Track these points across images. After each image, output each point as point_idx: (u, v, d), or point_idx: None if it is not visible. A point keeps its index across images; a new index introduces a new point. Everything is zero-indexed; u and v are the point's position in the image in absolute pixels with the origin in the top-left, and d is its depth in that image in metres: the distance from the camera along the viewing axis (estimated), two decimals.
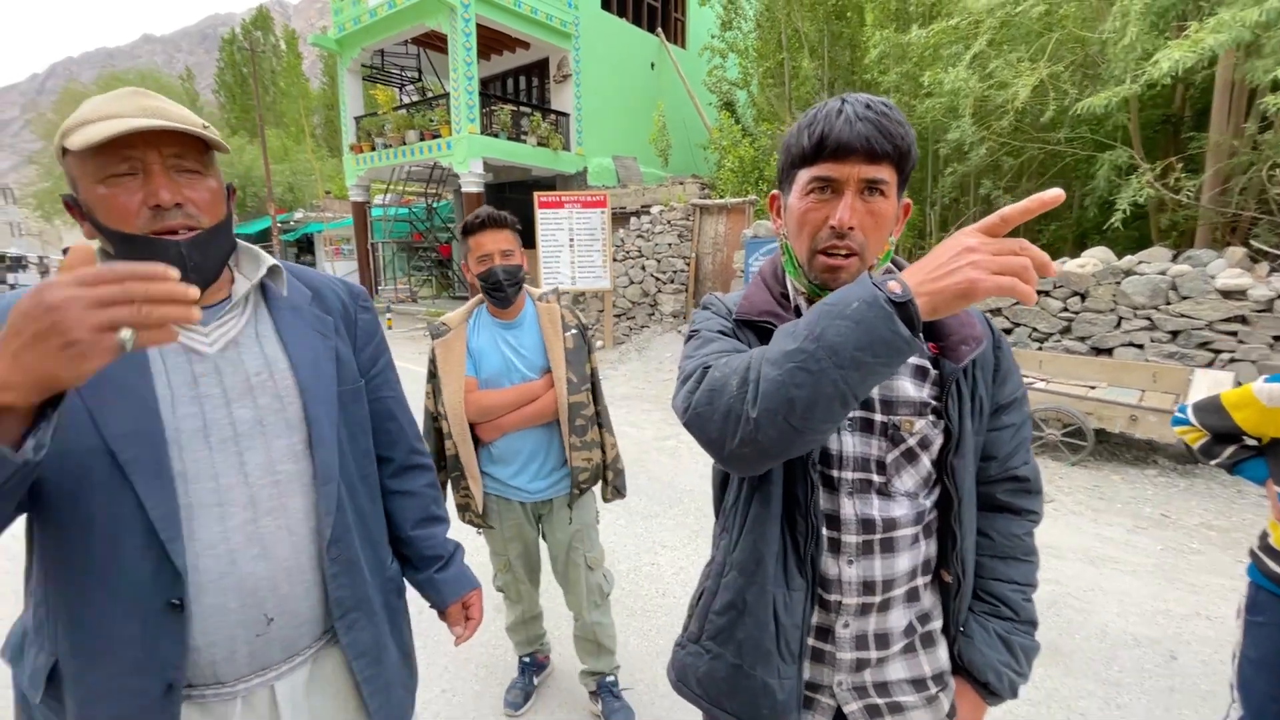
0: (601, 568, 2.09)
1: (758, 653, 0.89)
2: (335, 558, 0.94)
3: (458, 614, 1.21)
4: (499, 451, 1.93)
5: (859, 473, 0.87)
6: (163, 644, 0.81)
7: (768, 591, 0.88)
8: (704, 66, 13.86)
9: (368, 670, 0.98)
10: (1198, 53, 4.92)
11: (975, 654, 0.93)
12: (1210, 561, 3.30)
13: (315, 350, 0.96)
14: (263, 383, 0.90)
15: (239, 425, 0.87)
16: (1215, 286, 4.95)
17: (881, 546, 0.87)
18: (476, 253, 1.81)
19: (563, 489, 1.96)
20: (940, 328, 0.88)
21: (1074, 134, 7.20)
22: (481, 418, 1.88)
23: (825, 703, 0.92)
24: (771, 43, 11.60)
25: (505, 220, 1.84)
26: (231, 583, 0.85)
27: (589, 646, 2.14)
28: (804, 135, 0.81)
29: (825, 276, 0.83)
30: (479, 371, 1.89)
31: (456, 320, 1.93)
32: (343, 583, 0.95)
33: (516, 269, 1.84)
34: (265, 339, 0.93)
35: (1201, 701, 2.26)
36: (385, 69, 16.23)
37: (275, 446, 0.89)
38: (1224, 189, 6.25)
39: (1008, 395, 0.93)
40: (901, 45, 7.94)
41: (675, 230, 10.46)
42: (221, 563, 0.84)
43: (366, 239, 16.04)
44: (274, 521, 0.88)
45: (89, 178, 0.79)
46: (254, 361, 0.90)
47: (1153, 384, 4.83)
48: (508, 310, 1.91)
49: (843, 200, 0.79)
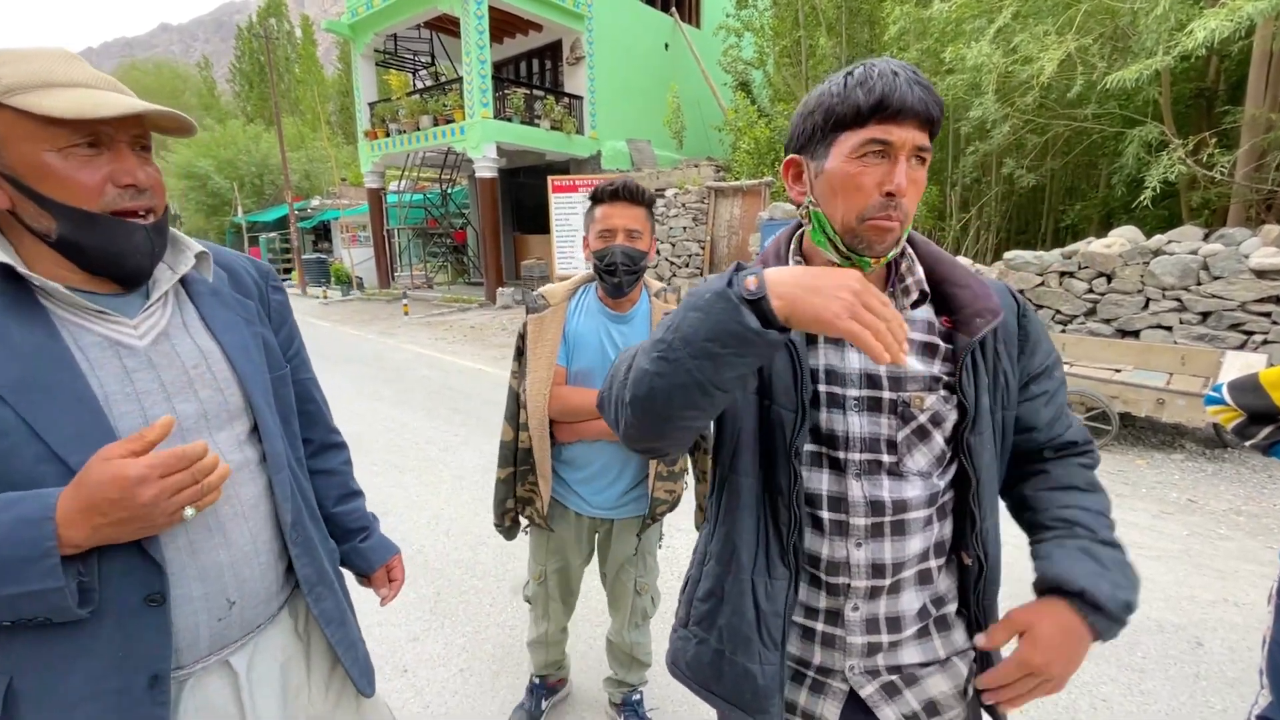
0: (650, 592, 1.90)
1: (737, 639, 0.90)
2: (296, 539, 0.97)
3: (382, 578, 1.26)
4: (570, 454, 1.72)
5: (867, 453, 0.85)
6: (145, 638, 0.80)
7: (744, 580, 0.90)
8: (719, 46, 13.65)
9: (337, 634, 1.04)
10: (1235, 21, 4.73)
11: (1058, 567, 0.81)
12: (1239, 547, 3.22)
13: (244, 337, 0.95)
14: (201, 375, 0.87)
15: (184, 420, 0.84)
16: (1249, 266, 4.79)
17: (892, 529, 0.85)
18: (600, 225, 1.57)
19: (629, 513, 1.75)
20: (954, 300, 0.85)
21: (1102, 109, 6.98)
22: (564, 417, 1.65)
23: (837, 687, 0.89)
24: (788, 20, 11.37)
25: (643, 196, 1.58)
26: (194, 572, 0.85)
27: (622, 658, 1.97)
28: (856, 93, 0.75)
29: (874, 238, 0.78)
30: (571, 361, 1.65)
31: (558, 295, 1.67)
32: (305, 561, 0.99)
33: (640, 255, 1.58)
34: (194, 329, 0.90)
35: (1228, 688, 2.21)
36: (398, 54, 16.20)
37: (220, 438, 0.88)
38: (1259, 165, 6.04)
39: (1038, 365, 0.90)
40: (922, 20, 7.75)
41: (690, 213, 10.37)
42: (183, 553, 0.83)
43: (382, 225, 16.13)
44: (229, 509, 0.89)
45: (35, 142, 0.73)
46: (189, 353, 0.87)
47: (1181, 367, 4.70)
48: (620, 301, 1.64)
49: (898, 165, 0.76)
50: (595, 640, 2.50)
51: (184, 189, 24.55)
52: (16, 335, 0.74)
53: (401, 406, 6.03)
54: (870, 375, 0.85)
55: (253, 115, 32.31)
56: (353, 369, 7.84)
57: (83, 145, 0.75)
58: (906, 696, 0.88)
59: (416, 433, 5.18)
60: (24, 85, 0.71)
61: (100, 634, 0.77)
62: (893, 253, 0.82)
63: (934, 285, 0.88)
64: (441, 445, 4.86)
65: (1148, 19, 5.55)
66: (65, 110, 0.71)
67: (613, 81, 14.32)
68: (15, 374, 0.73)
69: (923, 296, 0.87)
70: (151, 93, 31.50)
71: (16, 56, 0.74)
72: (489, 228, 13.22)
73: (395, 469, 4.36)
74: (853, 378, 0.86)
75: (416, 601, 2.80)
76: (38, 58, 0.74)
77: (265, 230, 23.85)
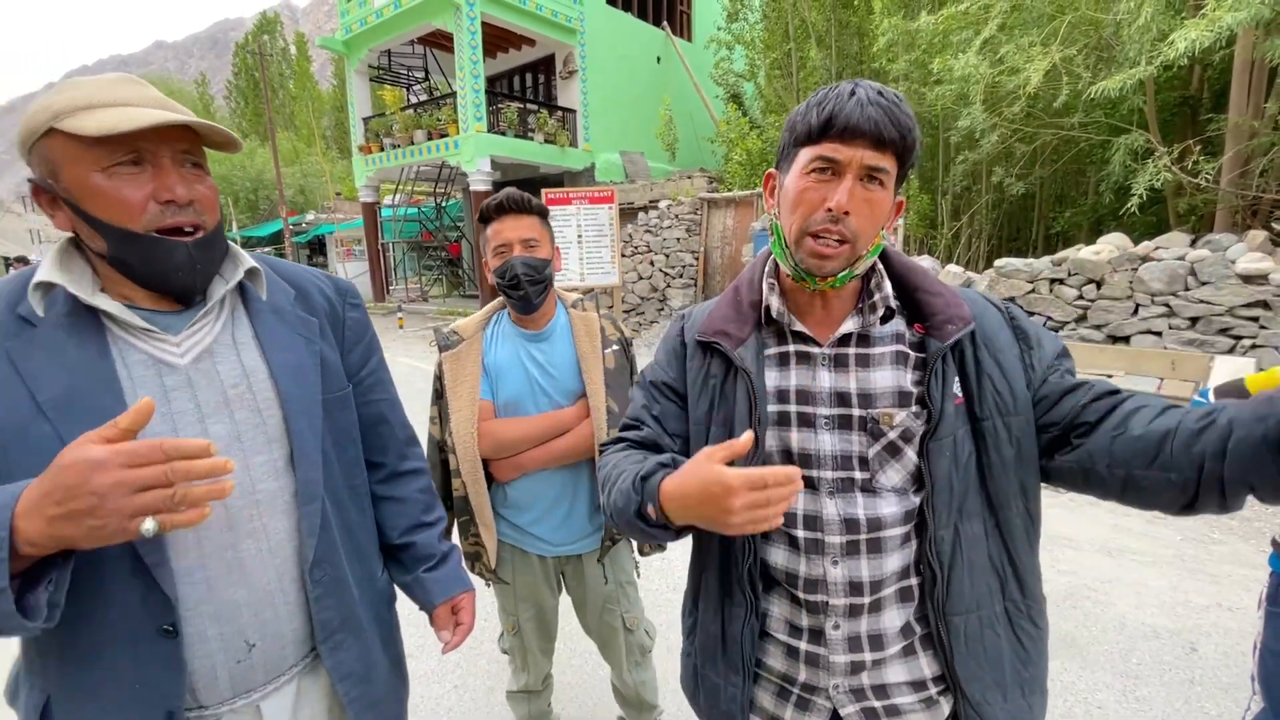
0: (642, 625, 1.77)
1: (707, 655, 0.97)
2: (319, 579, 0.89)
3: (446, 617, 1.13)
4: (516, 494, 1.58)
5: (839, 471, 0.85)
6: (159, 672, 0.78)
7: (711, 600, 0.95)
8: (710, 59, 13.79)
9: (354, 691, 0.94)
10: (1215, 32, 4.81)
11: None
12: (1231, 551, 3.23)
13: (299, 356, 0.90)
14: (240, 395, 0.84)
15: (214, 442, 0.82)
16: (1236, 271, 4.84)
17: (868, 547, 0.85)
18: (493, 242, 1.48)
19: (592, 544, 1.62)
20: (927, 307, 0.86)
21: (1088, 118, 7.07)
22: (498, 454, 1.52)
23: (821, 704, 0.89)
24: (778, 33, 11.50)
25: (529, 204, 1.49)
26: (209, 610, 0.81)
27: (631, 700, 1.84)
28: (812, 113, 0.79)
29: (811, 263, 0.81)
30: (497, 394, 1.53)
31: (470, 329, 1.56)
32: (327, 604, 0.90)
33: (541, 264, 1.47)
34: (244, 346, 0.87)
35: (1223, 693, 2.21)
36: (392, 69, 16.31)
37: (254, 464, 0.84)
38: (1244, 171, 6.11)
39: (1050, 353, 0.86)
40: (910, 32, 7.84)
41: (683, 225, 10.43)
42: (198, 590, 0.80)
43: (377, 239, 16.15)
44: (254, 544, 0.84)
45: (83, 165, 0.74)
46: (230, 372, 0.85)
47: (1171, 372, 4.74)
48: (533, 317, 1.54)
49: (842, 183, 0.77)
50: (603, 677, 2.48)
51: None
52: (72, 353, 0.76)
53: None
54: (840, 393, 0.86)
55: (248, 131, 32.43)
56: None
57: (126, 163, 0.75)
58: None
59: None
60: (70, 109, 0.73)
61: (117, 663, 0.77)
62: (845, 274, 0.82)
63: (908, 294, 0.89)
64: None
65: (1130, 29, 5.64)
66: (95, 128, 0.71)
67: (605, 95, 14.44)
68: (61, 391, 0.74)
69: (889, 313, 0.88)
70: None
71: (73, 84, 0.76)
72: None
73: None
74: (823, 396, 0.86)
75: (409, 618, 2.76)
76: (92, 83, 0.76)
77: (260, 245, 23.85)
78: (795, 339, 0.90)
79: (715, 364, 0.93)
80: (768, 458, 0.88)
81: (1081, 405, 0.81)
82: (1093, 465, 0.78)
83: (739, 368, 0.88)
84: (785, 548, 0.89)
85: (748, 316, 0.92)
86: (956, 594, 0.84)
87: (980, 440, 0.84)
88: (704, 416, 0.93)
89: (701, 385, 0.94)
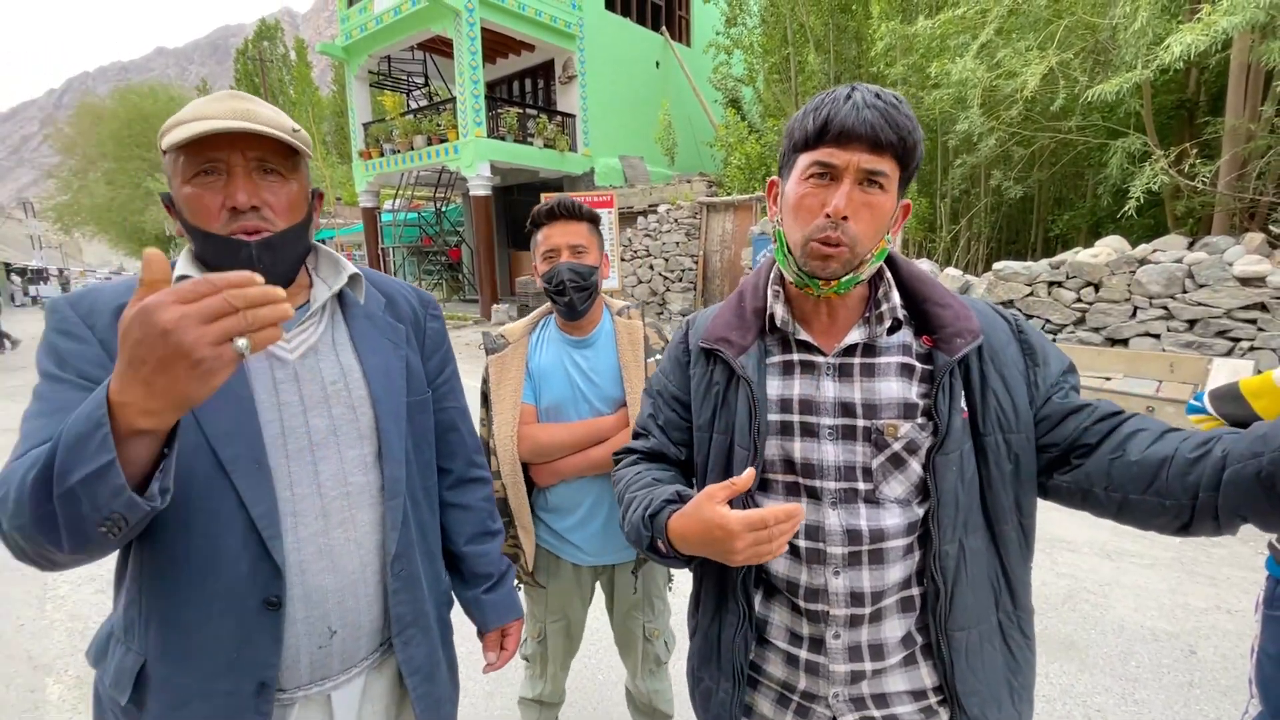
0: (663, 637, 1.77)
1: (702, 660, 0.98)
2: (399, 573, 0.93)
3: (495, 641, 1.19)
4: (556, 499, 1.60)
5: (843, 482, 0.85)
6: (257, 642, 0.81)
7: (709, 611, 0.97)
8: (709, 64, 13.84)
9: (421, 687, 0.97)
10: (1211, 35, 4.83)
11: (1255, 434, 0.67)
12: (1230, 554, 3.23)
13: (388, 360, 0.96)
14: (338, 392, 0.90)
15: (314, 434, 0.87)
16: (1233, 274, 4.86)
17: (870, 558, 0.84)
18: (543, 247, 1.50)
19: (629, 554, 1.63)
20: (935, 319, 0.85)
21: (1086, 122, 7.09)
22: (537, 458, 1.54)
23: (820, 712, 0.89)
24: (777, 38, 11.54)
25: (581, 211, 1.51)
26: (299, 594, 0.85)
27: (644, 708, 1.84)
28: (808, 119, 0.79)
29: (815, 265, 0.80)
30: (539, 399, 1.56)
31: (517, 333, 1.59)
32: (403, 599, 0.94)
33: (588, 271, 1.49)
34: (341, 347, 0.93)
35: (1222, 696, 2.21)
36: (392, 75, 16.36)
37: (347, 457, 0.89)
38: (1241, 174, 6.13)
39: (1056, 371, 0.86)
40: (908, 37, 7.87)
41: (683, 229, 10.45)
42: (292, 573, 0.84)
43: (377, 244, 16.18)
44: (343, 534, 0.88)
45: (178, 176, 0.81)
46: (331, 370, 0.90)
47: (1170, 374, 4.75)
48: (578, 324, 1.56)
49: (840, 188, 0.77)
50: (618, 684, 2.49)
51: None
52: None
53: None
54: (845, 403, 0.85)
55: None
56: None
57: (202, 173, 0.81)
58: None
59: None
60: (168, 127, 0.80)
61: (221, 633, 0.80)
62: (848, 279, 0.82)
63: (916, 305, 0.88)
64: None
65: (1126, 33, 5.67)
66: (166, 142, 0.79)
67: (605, 99, 14.48)
68: None
69: (896, 324, 0.87)
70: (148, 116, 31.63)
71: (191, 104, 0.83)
72: (484, 245, 13.28)
73: None
74: (827, 406, 0.85)
75: None
76: (196, 101, 0.83)
77: None
78: (800, 348, 0.89)
79: (718, 371, 0.92)
80: (769, 466, 0.88)
81: (1084, 427, 0.82)
82: (1090, 486, 0.80)
83: (740, 376, 0.88)
84: (787, 557, 0.89)
85: (751, 324, 0.91)
86: (960, 609, 0.84)
87: (981, 455, 0.84)
88: (707, 424, 0.93)
89: (705, 392, 0.94)
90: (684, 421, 0.98)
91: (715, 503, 0.75)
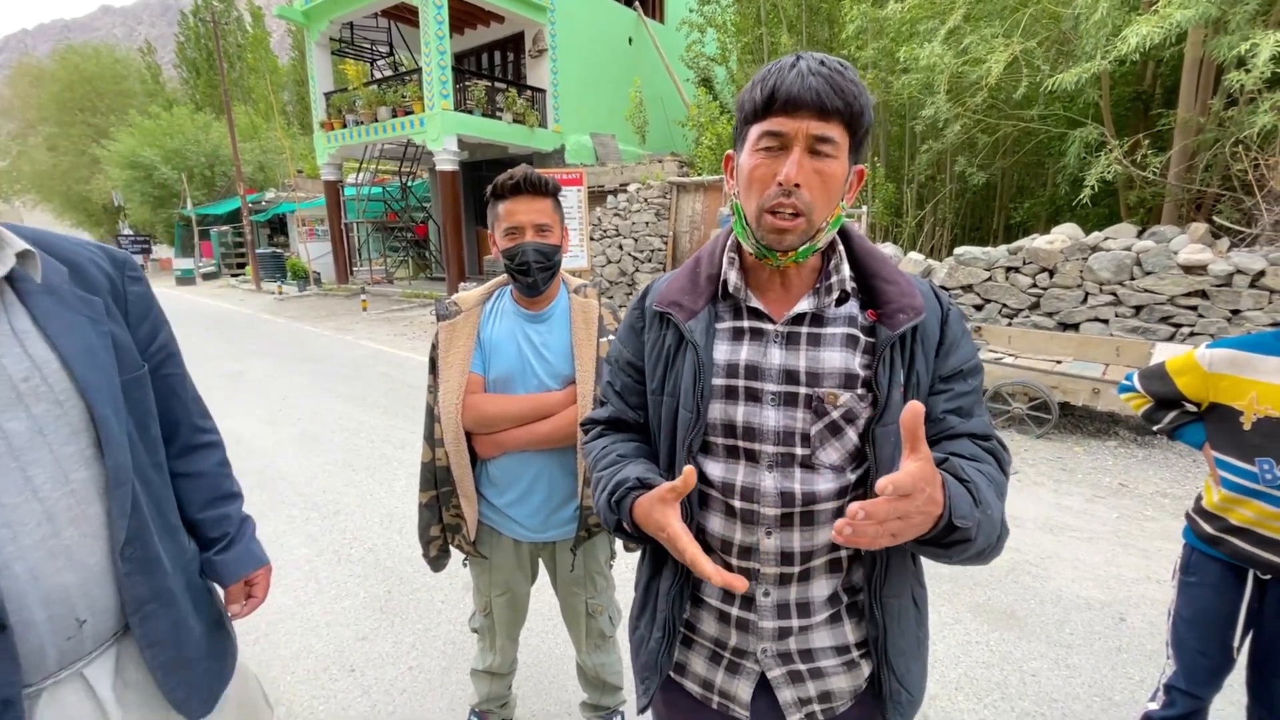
0: (606, 612, 1.80)
1: (640, 609, 1.04)
2: (129, 557, 0.90)
3: (237, 593, 1.16)
4: (496, 472, 1.59)
5: (781, 446, 0.87)
6: None
7: (650, 564, 1.03)
8: (682, 41, 13.67)
9: (161, 655, 0.96)
10: (1166, 28, 4.96)
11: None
12: (1163, 528, 3.41)
13: (88, 340, 0.87)
14: (35, 388, 0.81)
15: (13, 439, 0.79)
16: (1177, 262, 5.05)
17: (801, 519, 0.87)
18: (505, 222, 1.46)
19: (569, 532, 1.63)
20: (881, 295, 0.87)
21: (1047, 111, 7.25)
22: (481, 428, 1.53)
23: (750, 667, 0.93)
24: (750, 17, 11.47)
25: (547, 186, 1.47)
26: (37, 597, 0.81)
27: (593, 680, 1.87)
28: (756, 89, 0.79)
29: (772, 239, 0.82)
30: (488, 369, 1.55)
31: (470, 301, 1.58)
32: (137, 580, 0.91)
33: (553, 250, 1.48)
34: (26, 335, 0.82)
35: (1147, 660, 2.35)
36: (355, 43, 15.77)
37: (63, 455, 0.83)
38: (1190, 165, 6.36)
39: (951, 368, 0.88)
40: (878, 20, 7.90)
41: (652, 209, 10.39)
42: (21, 581, 0.79)
43: (340, 219, 15.71)
44: (77, 531, 0.84)
45: None
46: (18, 365, 0.80)
47: (1116, 358, 4.94)
48: (536, 299, 1.56)
49: (790, 156, 0.77)
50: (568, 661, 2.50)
51: (128, 179, 23.43)
52: None
53: (358, 404, 5.91)
54: (789, 371, 0.87)
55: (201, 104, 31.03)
56: (307, 366, 7.64)
57: None
58: (807, 685, 0.91)
59: (373, 430, 5.08)
60: None
61: None
62: (806, 248, 0.83)
63: (865, 279, 0.90)
64: (397, 443, 4.79)
65: (1087, 24, 5.78)
66: None
67: (576, 75, 14.21)
68: None
69: (845, 296, 0.89)
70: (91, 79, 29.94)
71: None
72: (451, 222, 13.01)
73: (349, 467, 4.28)
74: (773, 373, 0.87)
75: (367, 601, 2.76)
76: None
77: (217, 224, 22.96)
78: (750, 315, 0.90)
79: (669, 334, 0.93)
80: (710, 429, 0.89)
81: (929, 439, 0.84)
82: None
83: (688, 340, 0.89)
84: (723, 515, 0.91)
85: (704, 290, 0.92)
86: (895, 577, 0.89)
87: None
88: (658, 387, 0.94)
89: (657, 355, 0.95)
90: (639, 386, 1.00)
91: (666, 505, 0.82)
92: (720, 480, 0.90)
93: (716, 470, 0.90)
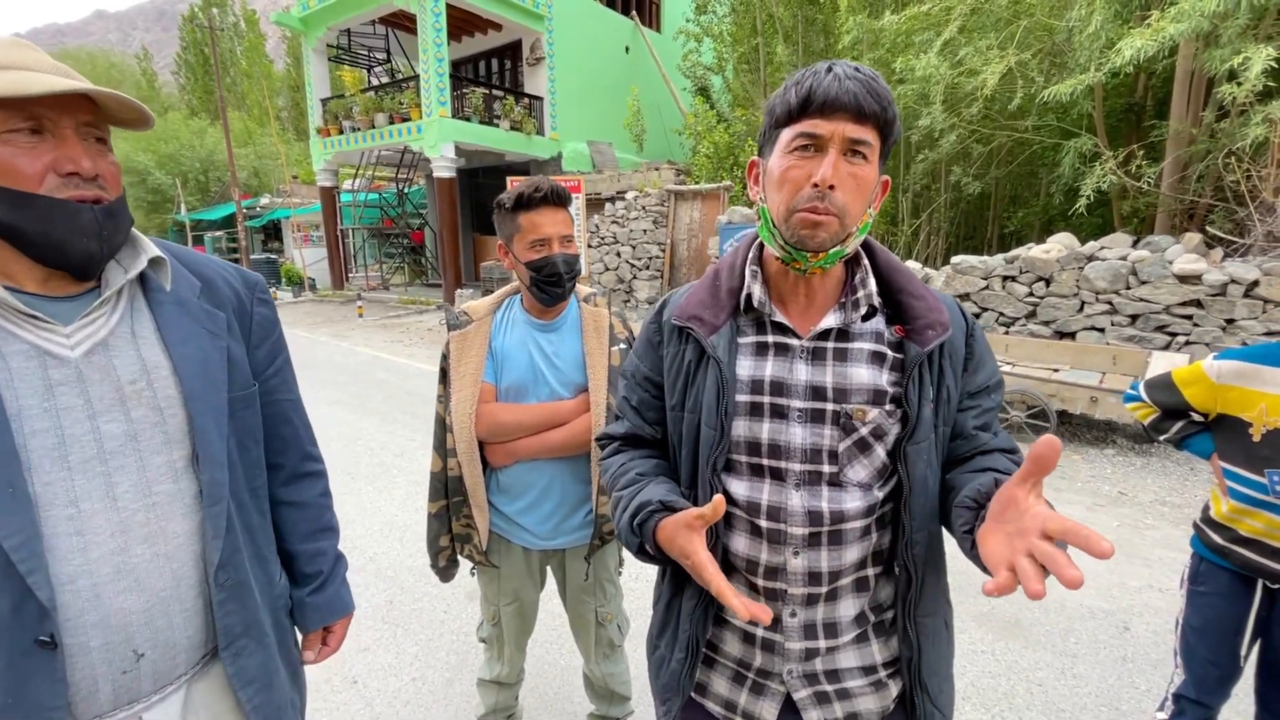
0: (615, 620, 1.79)
1: (661, 629, 1.01)
2: (223, 583, 0.86)
3: (315, 640, 1.12)
4: (507, 481, 1.59)
5: (808, 464, 0.85)
6: (35, 685, 0.73)
7: (673, 582, 0.99)
8: (679, 51, 13.77)
9: (257, 698, 0.91)
10: (1158, 41, 5.03)
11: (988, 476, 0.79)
12: (1163, 536, 3.42)
13: (204, 352, 0.86)
14: (138, 392, 0.80)
15: (106, 442, 0.77)
16: (1172, 271, 5.10)
17: (829, 539, 0.86)
18: (531, 235, 1.45)
19: (579, 539, 1.62)
20: (908, 311, 0.86)
21: (1041, 121, 7.32)
22: (494, 437, 1.53)
23: (775, 689, 0.91)
24: (746, 27, 11.57)
25: (566, 197, 1.51)
26: (94, 619, 0.76)
27: (600, 690, 1.86)
28: (790, 92, 0.79)
29: (804, 234, 0.79)
30: (500, 378, 1.55)
31: (481, 311, 1.57)
32: (231, 609, 0.87)
33: (576, 259, 1.50)
34: (144, 340, 0.82)
35: (1152, 669, 2.35)
36: (352, 50, 15.78)
37: (152, 464, 0.81)
38: (1182, 176, 6.43)
39: (979, 384, 0.89)
40: (874, 31, 7.98)
41: (650, 216, 10.42)
42: (82, 599, 0.75)
43: (336, 225, 15.67)
44: (149, 549, 0.80)
45: None
46: (128, 368, 0.80)
47: (1113, 366, 4.97)
48: (550, 309, 1.56)
49: (826, 158, 0.76)
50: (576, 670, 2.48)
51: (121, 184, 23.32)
52: None
53: (356, 411, 5.87)
54: (816, 387, 0.85)
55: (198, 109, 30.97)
56: (303, 373, 7.54)
57: (23, 131, 0.71)
58: (834, 706, 0.90)
59: (371, 438, 5.05)
60: None
61: None
62: (835, 251, 0.81)
63: (890, 294, 0.89)
64: (396, 450, 4.76)
65: (1081, 36, 5.85)
66: None
67: (573, 83, 14.27)
68: None
69: (871, 311, 0.88)
70: None
71: None
72: (447, 228, 13.00)
73: (349, 475, 4.25)
74: (799, 389, 0.85)
75: (369, 611, 2.73)
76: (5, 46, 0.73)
77: (211, 229, 22.86)
78: (774, 329, 0.89)
79: (690, 349, 0.91)
80: (734, 447, 0.88)
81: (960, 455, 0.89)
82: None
83: (711, 355, 0.88)
84: (748, 535, 0.89)
85: (725, 303, 0.91)
86: (929, 595, 0.88)
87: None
88: (678, 403, 0.93)
89: (677, 371, 0.93)
90: (657, 401, 0.98)
91: (692, 532, 0.79)
92: (745, 499, 0.88)
93: (741, 489, 0.88)
